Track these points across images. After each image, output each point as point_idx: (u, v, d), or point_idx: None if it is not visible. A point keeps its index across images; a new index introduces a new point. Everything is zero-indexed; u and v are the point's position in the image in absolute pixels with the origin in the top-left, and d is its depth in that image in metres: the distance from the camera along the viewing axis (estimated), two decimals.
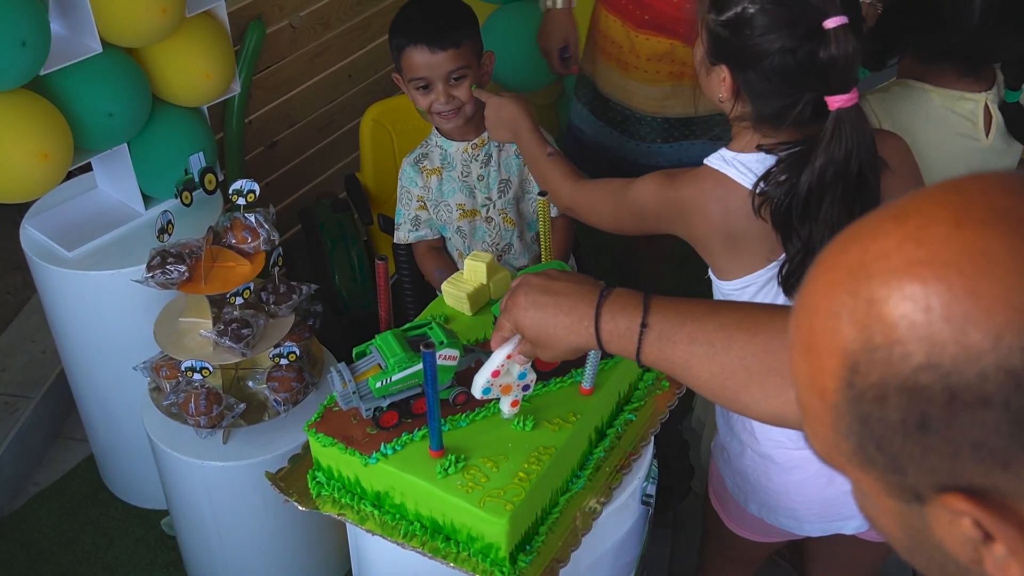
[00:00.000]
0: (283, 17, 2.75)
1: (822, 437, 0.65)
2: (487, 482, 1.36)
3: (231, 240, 2.05)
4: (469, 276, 1.63)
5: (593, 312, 1.10)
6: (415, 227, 2.06)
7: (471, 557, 1.37)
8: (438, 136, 2.02)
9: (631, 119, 2.32)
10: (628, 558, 1.61)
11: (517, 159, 2.01)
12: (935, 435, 0.57)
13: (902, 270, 0.58)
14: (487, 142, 1.99)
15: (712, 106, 1.55)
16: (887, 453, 0.60)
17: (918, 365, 0.56)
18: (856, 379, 0.59)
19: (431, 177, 2.02)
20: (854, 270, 0.60)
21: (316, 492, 1.48)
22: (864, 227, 0.62)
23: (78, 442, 2.69)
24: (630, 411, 1.56)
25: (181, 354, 2.01)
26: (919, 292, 0.57)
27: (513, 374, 1.37)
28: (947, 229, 0.57)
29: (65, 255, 2.19)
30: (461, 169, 2.01)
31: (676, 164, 2.36)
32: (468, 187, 2.02)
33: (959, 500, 0.58)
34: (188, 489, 2.14)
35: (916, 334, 0.56)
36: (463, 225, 2.04)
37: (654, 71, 2.22)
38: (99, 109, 2.07)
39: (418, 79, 1.90)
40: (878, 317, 0.58)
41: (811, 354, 0.63)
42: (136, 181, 2.25)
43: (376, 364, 1.41)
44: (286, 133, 2.93)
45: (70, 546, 2.47)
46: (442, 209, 2.04)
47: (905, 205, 0.60)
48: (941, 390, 0.56)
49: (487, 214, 2.03)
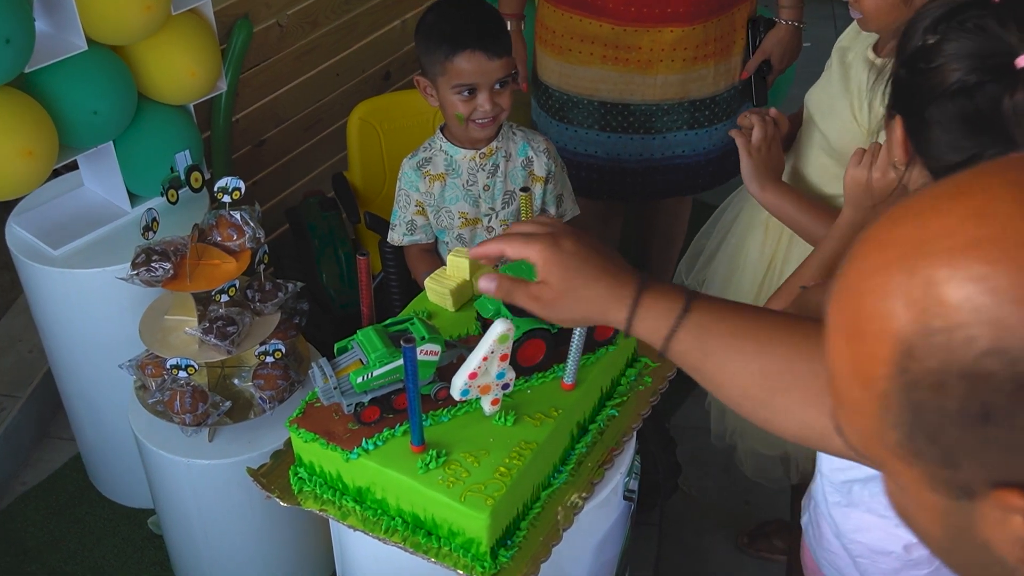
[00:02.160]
0: (270, 16, 2.75)
1: (861, 428, 0.60)
2: (468, 477, 1.36)
3: (216, 238, 2.05)
4: (452, 272, 1.63)
5: (638, 285, 1.02)
6: (410, 231, 2.02)
7: (452, 552, 1.38)
8: (443, 140, 1.97)
9: (567, 104, 2.37)
10: (610, 554, 1.62)
11: (523, 171, 1.99)
12: (997, 427, 0.53)
13: (966, 249, 0.53)
14: (495, 152, 1.96)
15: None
16: (940, 445, 0.56)
17: (983, 351, 0.52)
18: (911, 365, 0.55)
19: (434, 183, 1.98)
20: (909, 249, 0.55)
21: (298, 488, 1.48)
22: (917, 205, 0.57)
23: (65, 441, 2.69)
24: (612, 407, 1.57)
25: (166, 352, 2.01)
26: (985, 272, 0.52)
27: (491, 374, 1.38)
28: (1013, 207, 0.53)
29: (51, 253, 2.19)
30: (467, 177, 1.97)
31: (614, 158, 2.40)
32: (472, 196, 1.98)
33: (1015, 496, 0.54)
34: (174, 487, 2.14)
35: (981, 317, 0.52)
36: (464, 233, 2.01)
37: (587, 52, 2.28)
38: (84, 107, 2.06)
39: (465, 85, 1.85)
40: (938, 299, 0.53)
41: (856, 339, 0.58)
42: (122, 179, 2.25)
43: (357, 359, 1.42)
44: (273, 132, 2.93)
45: (57, 545, 2.46)
46: (443, 215, 2.00)
47: (961, 183, 0.56)
48: (1008, 378, 0.52)
49: (488, 223, 2.01)
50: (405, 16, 3.19)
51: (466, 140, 1.96)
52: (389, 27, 3.16)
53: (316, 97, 3.02)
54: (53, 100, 2.03)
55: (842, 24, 4.80)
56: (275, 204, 3.00)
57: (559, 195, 2.04)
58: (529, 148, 1.99)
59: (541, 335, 1.48)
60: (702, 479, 2.62)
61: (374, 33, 3.12)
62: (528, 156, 1.99)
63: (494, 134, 1.95)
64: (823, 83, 1.88)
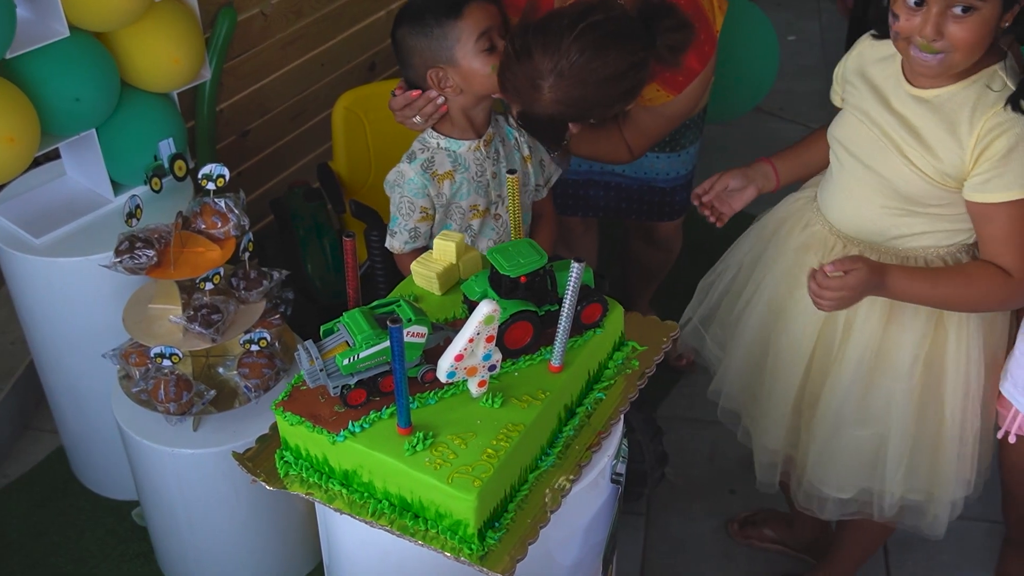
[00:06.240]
0: (254, 5, 2.73)
1: None
2: (455, 459, 1.35)
3: (200, 225, 2.04)
4: (439, 256, 1.62)
5: None
6: (413, 239, 1.94)
7: (440, 535, 1.37)
8: (439, 137, 1.91)
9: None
10: (598, 537, 1.61)
11: (517, 152, 1.97)
12: None
13: None
14: (493, 137, 1.93)
15: None
16: None
17: None
18: None
19: (443, 182, 1.91)
20: None
21: (284, 472, 1.47)
22: None
23: (48, 434, 2.67)
24: (600, 390, 1.56)
25: (150, 340, 1.99)
26: None
27: (478, 355, 1.37)
28: None
29: (33, 242, 2.17)
30: (475, 169, 1.92)
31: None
32: (483, 186, 1.94)
33: None
34: (158, 477, 2.13)
35: None
36: (473, 224, 1.97)
37: None
38: (66, 94, 2.05)
39: (485, 34, 1.80)
40: None
41: None
42: (105, 167, 2.23)
43: (344, 341, 1.41)
44: (258, 122, 2.91)
45: (40, 538, 2.44)
46: (454, 211, 1.94)
47: None
48: None
49: (496, 211, 1.99)
50: (391, 6, 3.17)
51: (456, 132, 1.91)
52: (374, 17, 3.15)
53: (301, 87, 3.00)
54: (35, 86, 2.01)
55: (827, 18, 4.83)
56: (260, 195, 2.99)
57: (540, 160, 2.02)
58: (512, 130, 1.98)
59: (528, 317, 1.47)
60: (688, 468, 2.62)
61: (359, 23, 3.10)
62: (515, 137, 1.98)
63: (469, 123, 1.91)
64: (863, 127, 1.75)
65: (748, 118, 3.39)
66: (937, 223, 1.73)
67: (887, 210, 1.75)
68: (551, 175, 2.03)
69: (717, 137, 2.81)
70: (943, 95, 1.64)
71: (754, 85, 2.68)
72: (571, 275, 1.38)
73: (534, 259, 1.47)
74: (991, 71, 1.62)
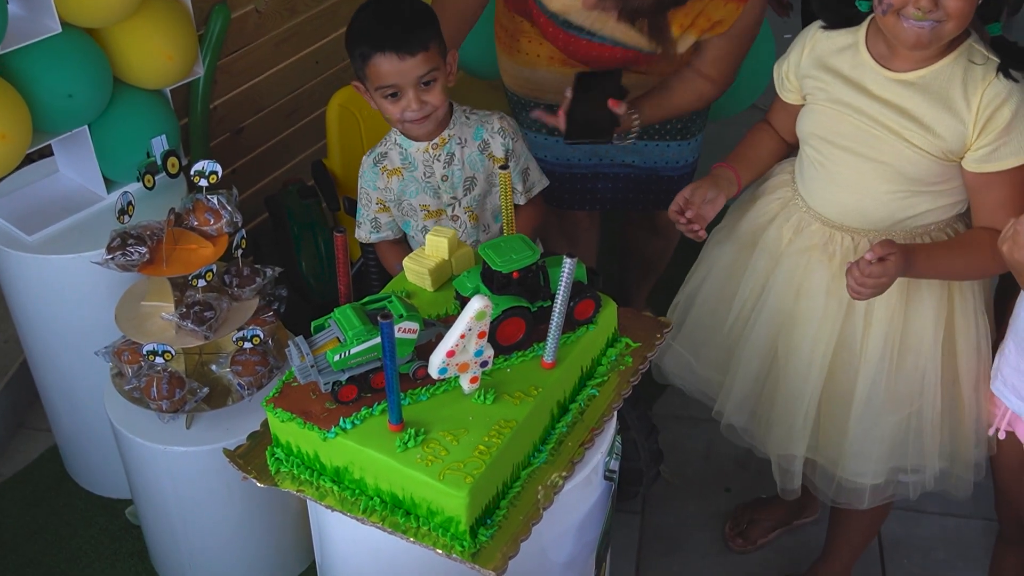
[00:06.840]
0: (248, 2, 2.73)
1: None
2: (447, 455, 1.35)
3: (193, 222, 2.03)
4: (431, 252, 1.62)
5: None
6: (376, 228, 2.00)
7: (431, 532, 1.36)
8: (397, 135, 1.94)
9: (518, 105, 2.34)
10: (592, 535, 1.61)
11: (481, 155, 1.96)
12: None
13: None
14: (448, 140, 1.92)
15: None
16: None
17: None
18: None
19: (391, 178, 1.95)
20: None
21: (275, 468, 1.46)
22: None
23: (41, 432, 2.66)
24: (593, 386, 1.55)
25: (143, 338, 1.99)
26: None
27: (469, 351, 1.37)
28: None
29: (25, 239, 2.16)
30: (423, 170, 1.94)
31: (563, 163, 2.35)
32: (432, 187, 1.95)
33: None
34: (151, 475, 2.12)
35: None
36: (428, 224, 1.98)
37: (534, 54, 2.22)
38: (58, 90, 2.04)
39: (387, 87, 1.81)
40: None
41: None
42: (97, 164, 2.22)
43: (335, 337, 1.40)
44: (252, 119, 2.91)
45: (34, 537, 2.43)
46: (406, 208, 1.98)
47: None
48: None
49: (452, 212, 1.99)
50: None
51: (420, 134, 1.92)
52: None
53: (295, 84, 3.00)
54: (27, 83, 2.00)
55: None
56: (254, 192, 2.98)
57: (524, 170, 2.00)
58: (484, 131, 1.94)
59: (520, 313, 1.47)
60: (683, 466, 2.61)
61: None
62: (484, 139, 1.94)
63: (436, 128, 1.90)
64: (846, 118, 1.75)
65: (745, 115, 3.38)
66: (939, 199, 1.76)
67: (892, 195, 1.76)
68: (533, 184, 2.02)
69: (715, 134, 2.81)
70: (927, 75, 1.66)
71: (751, 83, 2.68)
72: (564, 271, 1.37)
73: (526, 255, 1.47)
74: (966, 46, 1.66)
